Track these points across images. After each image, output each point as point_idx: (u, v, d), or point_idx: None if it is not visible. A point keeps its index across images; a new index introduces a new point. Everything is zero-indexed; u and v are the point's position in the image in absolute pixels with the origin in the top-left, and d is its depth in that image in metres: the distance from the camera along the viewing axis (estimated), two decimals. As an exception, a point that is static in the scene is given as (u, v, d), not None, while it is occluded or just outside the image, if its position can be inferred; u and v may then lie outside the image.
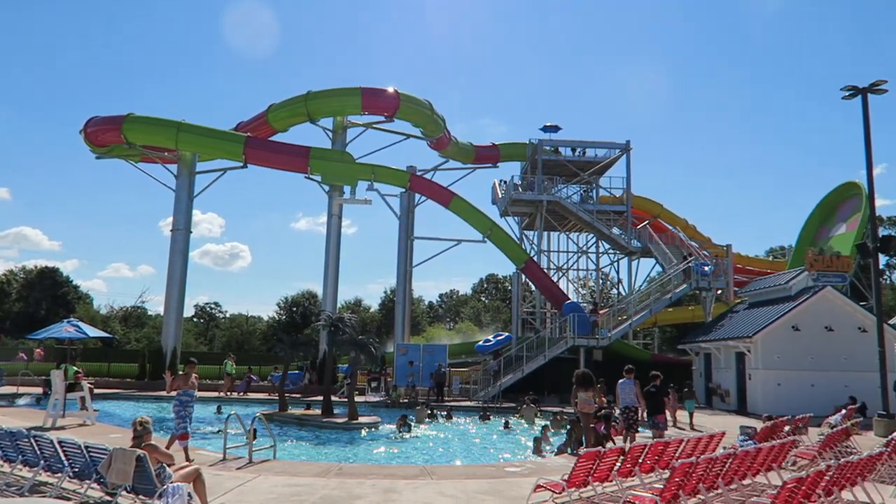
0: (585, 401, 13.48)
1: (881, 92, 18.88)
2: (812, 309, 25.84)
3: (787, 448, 10.56)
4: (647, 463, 9.83)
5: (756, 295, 31.04)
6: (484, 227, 36.37)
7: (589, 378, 13.78)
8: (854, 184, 39.20)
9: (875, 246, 19.50)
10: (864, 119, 19.23)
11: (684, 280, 33.80)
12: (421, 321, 74.71)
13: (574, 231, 42.54)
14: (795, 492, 6.94)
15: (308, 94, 35.98)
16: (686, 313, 45.95)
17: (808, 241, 39.86)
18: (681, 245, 37.39)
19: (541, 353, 30.59)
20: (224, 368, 31.32)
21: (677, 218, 44.35)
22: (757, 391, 25.42)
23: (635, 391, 14.87)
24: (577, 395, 13.59)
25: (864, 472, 8.99)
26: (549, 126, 41.12)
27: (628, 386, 14.87)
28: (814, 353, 25.30)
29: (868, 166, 19.35)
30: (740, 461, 9.02)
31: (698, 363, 31.14)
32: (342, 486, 9.68)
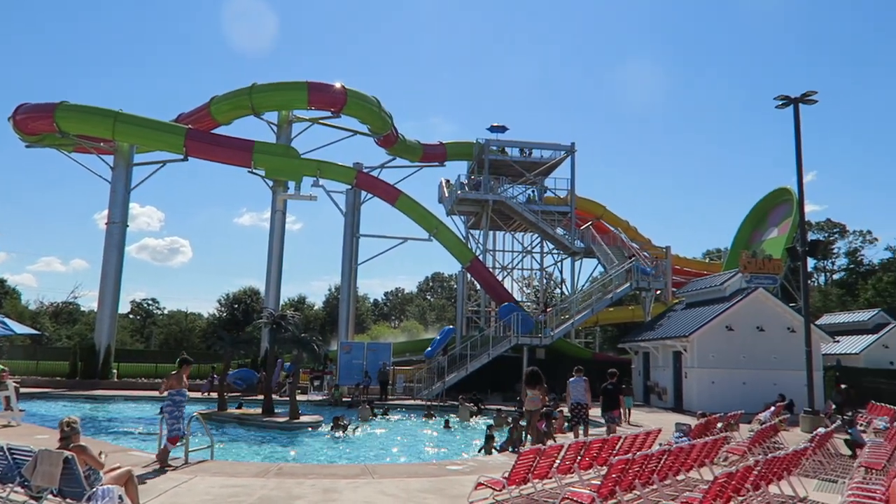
0: (532, 398, 13.83)
1: (811, 102, 19.70)
2: (745, 309, 26.81)
3: (719, 444, 10.91)
4: (586, 460, 10.00)
5: (693, 295, 32.02)
6: (430, 226, 36.41)
7: (538, 376, 14.08)
8: (785, 189, 40.84)
9: (804, 250, 20.34)
10: (795, 128, 20.04)
11: (625, 280, 34.59)
12: (366, 319, 74.30)
13: (519, 231, 43.00)
14: (725, 486, 7.17)
15: (253, 86, 35.29)
16: (626, 313, 47.03)
17: (743, 244, 41.33)
18: (622, 246, 38.25)
19: (485, 352, 30.81)
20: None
21: (619, 220, 45.36)
22: (692, 389, 26.22)
23: (585, 388, 15.42)
24: (525, 392, 13.95)
25: (790, 466, 9.37)
26: (496, 126, 41.43)
27: (579, 384, 15.45)
28: (746, 352, 26.27)
29: (798, 173, 20.16)
30: (675, 457, 9.27)
31: (637, 361, 31.92)
32: (281, 486, 9.52)
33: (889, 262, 69.99)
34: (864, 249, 75.09)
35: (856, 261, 75.15)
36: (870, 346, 34.74)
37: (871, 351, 34.66)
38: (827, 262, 76.77)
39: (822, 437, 11.88)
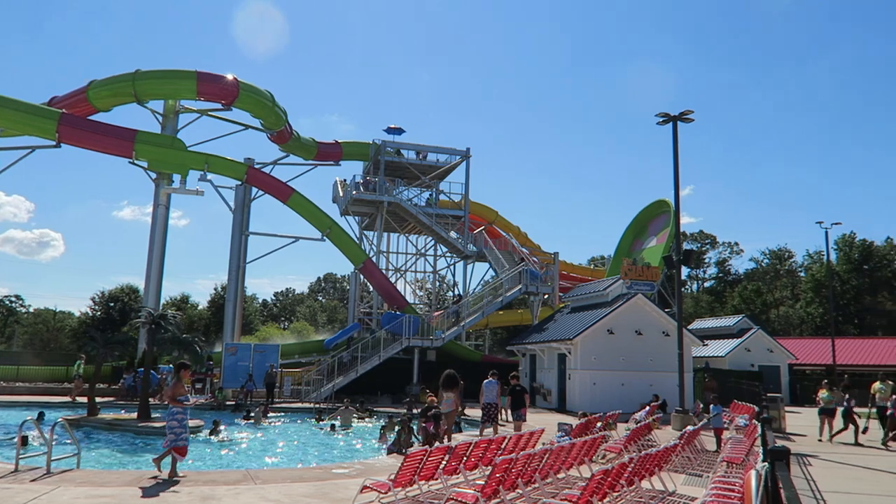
0: (446, 400, 14.48)
1: (688, 120, 21.05)
2: (625, 314, 28.20)
3: (597, 443, 11.39)
4: (471, 460, 10.14)
5: (578, 300, 33.33)
6: (323, 226, 35.82)
7: (454, 379, 14.60)
8: (664, 201, 43.39)
9: (678, 259, 21.67)
10: (673, 143, 21.33)
11: (515, 284, 35.49)
12: (253, 320, 72.04)
13: (413, 233, 43.16)
14: (602, 483, 7.48)
15: (137, 72, 33.37)
16: (515, 316, 48.30)
17: (625, 252, 43.53)
18: (513, 251, 39.24)
19: (375, 354, 30.66)
20: (75, 370, 27.76)
21: (511, 225, 46.51)
22: (575, 390, 27.26)
23: (497, 390, 16.58)
24: (442, 395, 14.58)
25: (661, 462, 9.92)
26: (392, 128, 41.40)
27: (492, 385, 16.57)
28: (625, 354, 27.63)
29: (675, 186, 21.48)
30: (556, 456, 9.58)
31: (524, 363, 32.81)
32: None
33: (753, 272, 76.11)
34: (732, 260, 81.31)
35: (724, 270, 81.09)
36: (734, 350, 37.55)
37: (735, 354, 37.46)
38: (699, 270, 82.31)
39: (690, 435, 12.66)
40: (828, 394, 18.47)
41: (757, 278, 74.45)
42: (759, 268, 76.29)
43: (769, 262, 76.00)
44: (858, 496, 10.59)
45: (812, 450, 15.98)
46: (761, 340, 38.65)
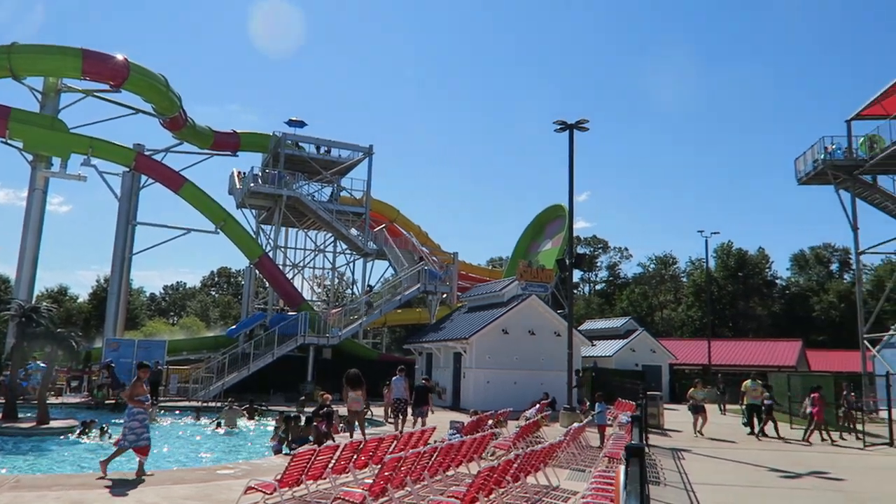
0: (354, 399, 14.61)
1: (584, 129, 21.85)
2: (519, 314, 28.92)
3: (487, 440, 11.59)
4: (361, 459, 10.06)
5: (475, 300, 33.87)
6: (217, 218, 34.53)
7: (359, 378, 14.85)
8: (560, 206, 44.86)
9: (571, 262, 22.46)
10: (569, 150, 22.08)
11: (415, 283, 35.62)
12: (139, 314, 68.48)
13: (313, 229, 42.43)
14: (488, 479, 7.62)
15: (13, 45, 30.84)
16: (414, 315, 48.50)
17: (521, 254, 44.65)
18: (413, 250, 39.37)
19: (269, 351, 29.90)
20: None
21: (412, 224, 46.63)
22: (469, 388, 27.68)
23: (404, 386, 17.58)
24: (347, 393, 14.69)
25: (547, 458, 10.23)
26: (294, 121, 40.51)
27: (400, 382, 17.60)
28: (518, 353, 28.33)
29: (570, 192, 22.24)
30: (445, 454, 9.67)
31: (421, 362, 32.99)
32: (17, 500, 8.36)
33: (640, 277, 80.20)
34: (622, 264, 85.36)
35: (614, 274, 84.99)
36: (620, 350, 39.36)
37: (621, 354, 39.28)
38: (591, 273, 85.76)
39: (575, 432, 13.15)
40: (701, 392, 19.77)
41: (644, 282, 78.48)
42: (646, 272, 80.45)
43: (655, 268, 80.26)
44: (725, 486, 11.35)
45: (687, 444, 16.99)
46: (645, 341, 40.73)
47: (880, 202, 31.31)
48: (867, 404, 25.68)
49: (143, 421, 10.30)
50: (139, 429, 10.23)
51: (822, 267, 72.88)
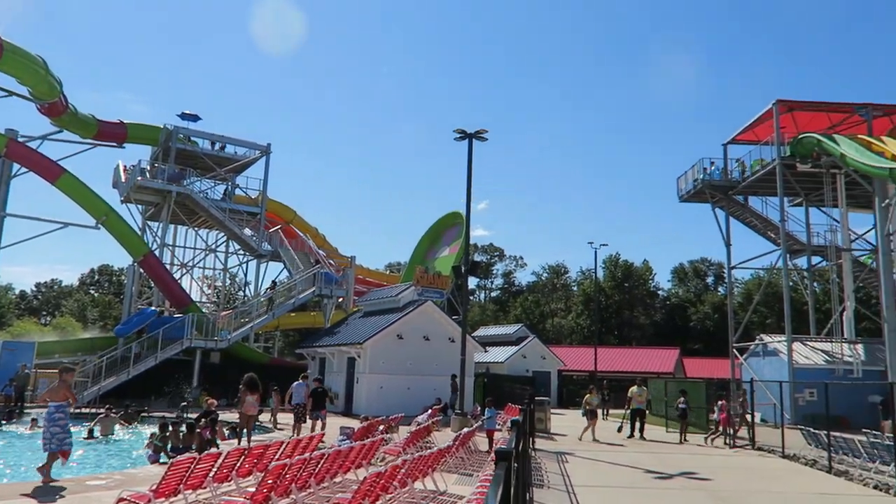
0: (251, 404, 14.75)
1: (482, 139, 22.29)
2: (415, 320, 29.03)
3: (376, 446, 11.56)
4: (245, 467, 9.76)
5: (371, 305, 33.69)
6: (98, 212, 32.51)
7: (256, 383, 15.11)
8: (458, 213, 45.49)
9: (466, 269, 22.81)
10: (468, 159, 22.45)
11: (310, 286, 34.98)
12: (6, 313, 63.33)
13: (204, 227, 40.78)
14: (374, 485, 7.59)
15: None
16: (308, 318, 47.58)
17: (419, 260, 44.90)
18: (309, 252, 38.67)
19: (152, 354, 28.45)
20: None
21: (309, 226, 45.80)
22: (362, 394, 27.47)
23: (305, 391, 18.06)
24: (244, 398, 14.74)
25: (435, 463, 10.32)
26: (187, 114, 38.85)
27: (301, 387, 18.20)
28: (413, 359, 28.41)
29: (467, 199, 22.63)
30: (333, 460, 9.55)
31: (314, 367, 32.40)
32: None
33: (534, 285, 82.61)
34: (517, 272, 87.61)
35: (509, 282, 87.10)
36: (512, 356, 40.35)
37: (513, 360, 40.28)
38: (487, 281, 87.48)
39: (464, 437, 13.34)
40: (596, 398, 20.72)
41: (537, 291, 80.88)
42: (539, 281, 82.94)
43: (548, 277, 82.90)
44: (603, 488, 11.87)
45: (571, 448, 17.62)
46: (536, 348, 41.97)
47: (750, 221, 33.84)
48: (734, 409, 27.62)
49: (65, 426, 10.45)
50: (61, 434, 10.36)
51: (699, 280, 77.76)
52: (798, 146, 28.85)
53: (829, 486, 12.44)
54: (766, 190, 32.11)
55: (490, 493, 1.79)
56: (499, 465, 2.20)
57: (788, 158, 29.04)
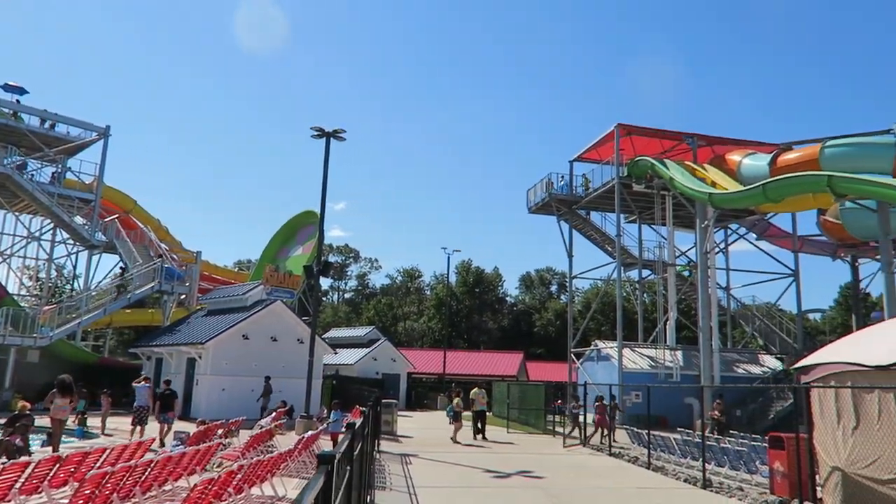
0: (60, 407, 13.75)
1: (341, 139, 22.06)
2: (262, 320, 28.07)
3: (212, 451, 11.01)
4: (60, 476, 8.92)
5: (216, 303, 32.15)
6: None
7: (70, 385, 14.14)
8: (314, 212, 44.61)
9: (318, 269, 22.42)
10: (325, 158, 22.10)
11: (149, 281, 32.75)
12: None
13: (27, 212, 36.89)
14: (206, 492, 7.22)
15: None
16: (146, 316, 44.51)
17: (270, 258, 43.52)
18: (150, 245, 36.24)
19: (-45, 352, 25.26)
20: None
21: (151, 217, 42.87)
22: (202, 396, 26.11)
23: (147, 393, 17.70)
24: (52, 400, 13.75)
25: (274, 468, 10.01)
26: (12, 86, 34.98)
27: (143, 389, 17.77)
28: (259, 360, 27.42)
29: (322, 198, 22.25)
30: (162, 467, 8.98)
31: (149, 367, 30.36)
32: None
33: (388, 288, 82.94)
34: (371, 275, 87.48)
35: (363, 284, 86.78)
36: (363, 358, 40.20)
37: (363, 362, 40.14)
38: (341, 282, 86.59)
39: (308, 440, 13.06)
40: (460, 401, 21.37)
41: (391, 293, 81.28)
42: (393, 284, 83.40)
43: (402, 280, 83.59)
44: (444, 488, 12.12)
45: (415, 449, 17.83)
46: (387, 350, 42.13)
47: (591, 234, 36.20)
48: (570, 410, 29.36)
49: None
50: None
51: (544, 288, 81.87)
52: (634, 168, 31.32)
53: (647, 481, 13.53)
54: (606, 206, 34.52)
55: (299, 497, 1.73)
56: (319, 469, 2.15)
57: (626, 178, 31.42)
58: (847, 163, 23.10)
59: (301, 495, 1.75)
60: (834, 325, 60.59)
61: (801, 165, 24.81)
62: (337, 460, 2.55)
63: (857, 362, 9.66)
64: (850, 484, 9.60)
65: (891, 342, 9.37)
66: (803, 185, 22.21)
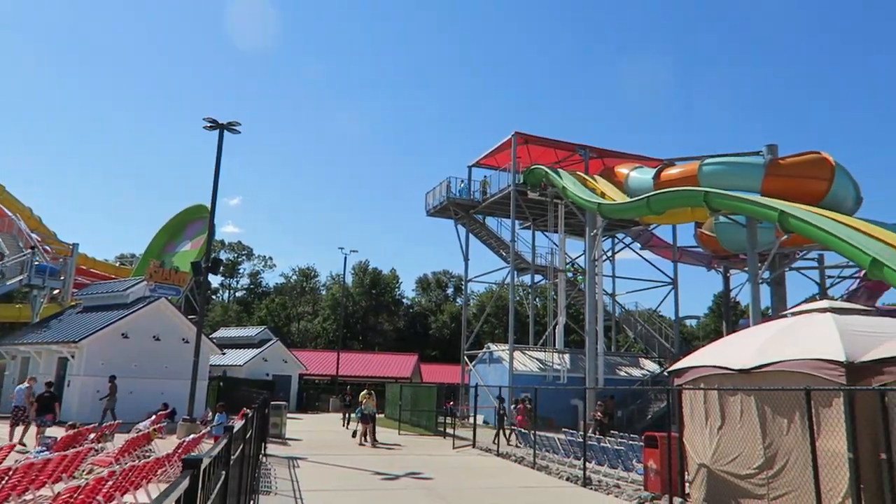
0: None
1: (235, 132, 21.31)
2: (144, 318, 26.67)
3: (81, 456, 10.33)
4: None
5: (93, 299, 30.22)
6: None
7: None
8: (204, 206, 42.88)
9: (206, 266, 21.54)
10: (217, 151, 21.29)
11: (16, 274, 30.32)
12: None
13: None
14: (71, 501, 6.76)
15: None
16: (12, 311, 41.09)
17: (155, 253, 41.39)
18: (19, 236, 33.58)
19: None
20: None
21: (21, 206, 39.72)
22: (74, 398, 24.47)
23: (26, 394, 17.30)
24: None
25: (150, 474, 9.51)
26: None
27: (21, 391, 17.52)
28: (139, 360, 26.03)
29: (213, 192, 21.42)
30: (23, 474, 8.33)
31: (13, 367, 28.12)
32: None
33: (282, 287, 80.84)
34: (265, 273, 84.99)
35: (256, 282, 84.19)
36: (252, 359, 39.01)
37: (253, 363, 38.95)
38: (233, 280, 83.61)
39: (189, 444, 12.52)
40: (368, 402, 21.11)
41: (285, 293, 79.33)
42: (287, 283, 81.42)
43: (297, 279, 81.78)
44: (332, 491, 11.96)
45: (304, 452, 17.48)
46: (279, 351, 41.10)
47: (487, 239, 36.91)
48: (461, 412, 29.79)
49: None
50: None
51: (440, 290, 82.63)
52: (530, 176, 32.24)
53: (531, 480, 13.93)
54: (502, 212, 35.33)
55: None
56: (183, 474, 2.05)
57: (521, 186, 32.28)
58: (722, 180, 24.79)
59: (158, 499, 1.65)
60: (707, 331, 65.00)
61: (682, 181, 26.39)
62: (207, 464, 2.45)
63: (723, 366, 10.38)
64: (714, 479, 10.30)
65: (753, 347, 10.13)
66: (683, 199, 23.63)
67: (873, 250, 16.42)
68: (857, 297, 30.96)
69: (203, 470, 2.28)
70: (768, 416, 9.37)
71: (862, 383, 8.09)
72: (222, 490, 3.48)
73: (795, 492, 8.77)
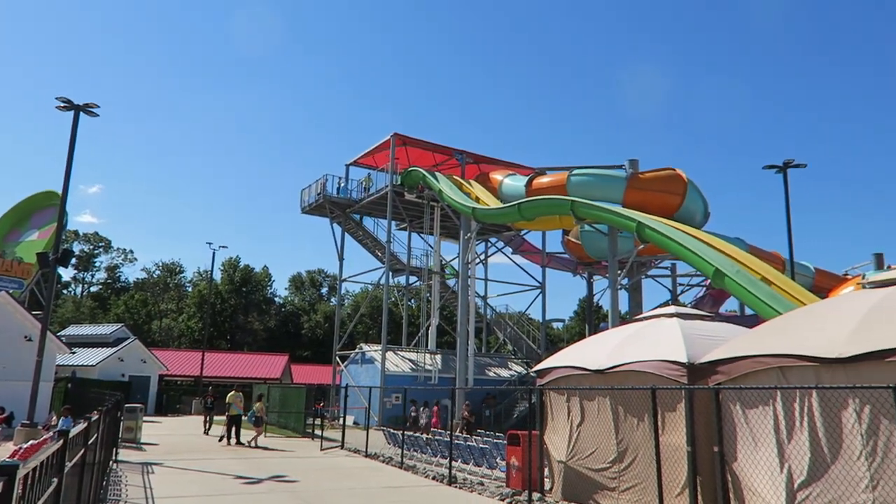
0: None
1: (92, 114, 19.89)
2: (-20, 313, 24.21)
3: None
4: None
5: (-82, 291, 27.03)
6: None
7: None
8: (55, 193, 39.57)
9: (55, 258, 19.88)
10: (72, 134, 19.76)
11: None
12: None
13: None
14: None
15: None
16: None
17: (-3, 243, 37.66)
18: None
19: None
20: None
21: None
22: None
23: None
24: None
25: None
26: None
27: None
28: (-29, 360, 23.59)
29: (66, 178, 19.86)
30: None
31: None
32: None
33: (143, 282, 76.02)
34: (124, 267, 79.59)
35: (114, 277, 78.68)
36: (106, 359, 36.43)
37: (107, 363, 36.38)
38: (87, 274, 77.67)
39: (26, 450, 11.47)
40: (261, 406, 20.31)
41: (146, 289, 74.75)
42: (149, 278, 76.73)
43: (160, 274, 77.27)
44: (189, 497, 11.38)
45: (160, 458, 16.55)
46: (137, 351, 38.65)
47: (363, 239, 36.71)
48: (332, 412, 29.40)
49: None
50: None
51: (314, 289, 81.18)
52: (407, 177, 32.45)
53: (398, 480, 13.99)
54: (379, 212, 35.28)
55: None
56: None
57: (399, 187, 32.40)
58: (587, 190, 26.16)
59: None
60: (572, 333, 68.29)
61: (552, 189, 27.57)
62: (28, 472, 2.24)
63: (582, 366, 10.95)
64: (571, 474, 10.83)
65: (608, 349, 10.77)
66: (551, 207, 24.70)
67: (717, 262, 17.97)
68: (703, 304, 33.77)
69: (24, 477, 2.08)
70: (621, 414, 9.99)
71: (700, 383, 8.82)
72: (53, 501, 3.20)
73: (642, 484, 9.41)
